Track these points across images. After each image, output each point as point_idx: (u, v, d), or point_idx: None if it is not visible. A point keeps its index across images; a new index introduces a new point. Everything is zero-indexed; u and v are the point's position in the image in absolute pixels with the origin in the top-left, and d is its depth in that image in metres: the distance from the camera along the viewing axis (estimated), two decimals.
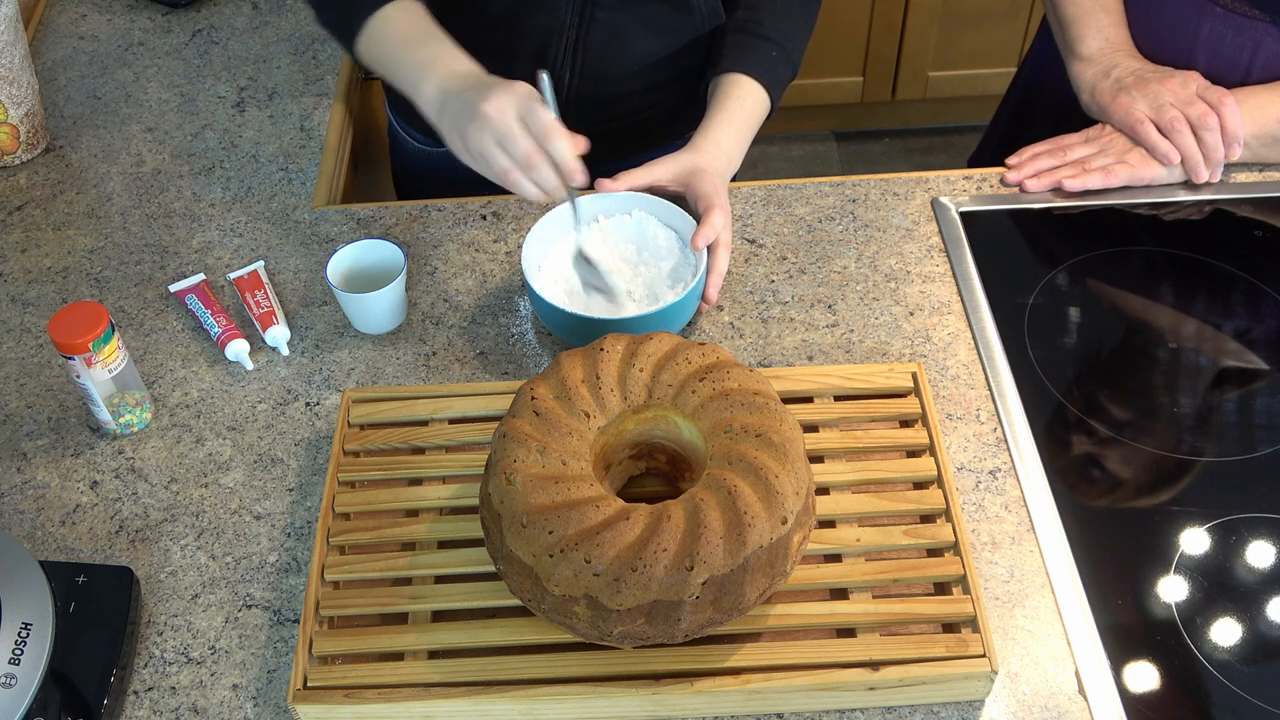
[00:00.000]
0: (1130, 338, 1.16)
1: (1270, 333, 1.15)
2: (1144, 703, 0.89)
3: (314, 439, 1.08)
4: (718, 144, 1.20)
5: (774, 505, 0.82)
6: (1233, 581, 0.96)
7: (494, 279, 1.21)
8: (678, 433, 0.91)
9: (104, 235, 1.28)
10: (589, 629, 0.83)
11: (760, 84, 1.23)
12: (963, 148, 2.78)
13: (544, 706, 0.86)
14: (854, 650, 0.88)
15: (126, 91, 1.46)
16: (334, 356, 1.15)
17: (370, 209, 1.29)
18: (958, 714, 0.89)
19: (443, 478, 1.00)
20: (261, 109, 1.43)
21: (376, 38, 1.14)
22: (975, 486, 1.03)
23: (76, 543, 1.01)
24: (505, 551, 0.84)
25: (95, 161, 1.37)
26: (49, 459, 1.07)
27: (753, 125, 1.23)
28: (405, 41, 1.13)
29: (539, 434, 0.87)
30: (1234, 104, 1.22)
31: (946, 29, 2.63)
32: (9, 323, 1.19)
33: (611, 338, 0.93)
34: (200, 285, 1.20)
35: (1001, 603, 0.95)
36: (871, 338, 1.15)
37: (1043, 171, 1.29)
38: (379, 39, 1.14)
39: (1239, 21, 1.26)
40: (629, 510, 0.82)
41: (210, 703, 0.91)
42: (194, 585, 0.98)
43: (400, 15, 1.14)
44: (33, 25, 1.55)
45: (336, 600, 0.92)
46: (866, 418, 1.03)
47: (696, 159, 1.18)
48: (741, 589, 0.82)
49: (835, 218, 1.26)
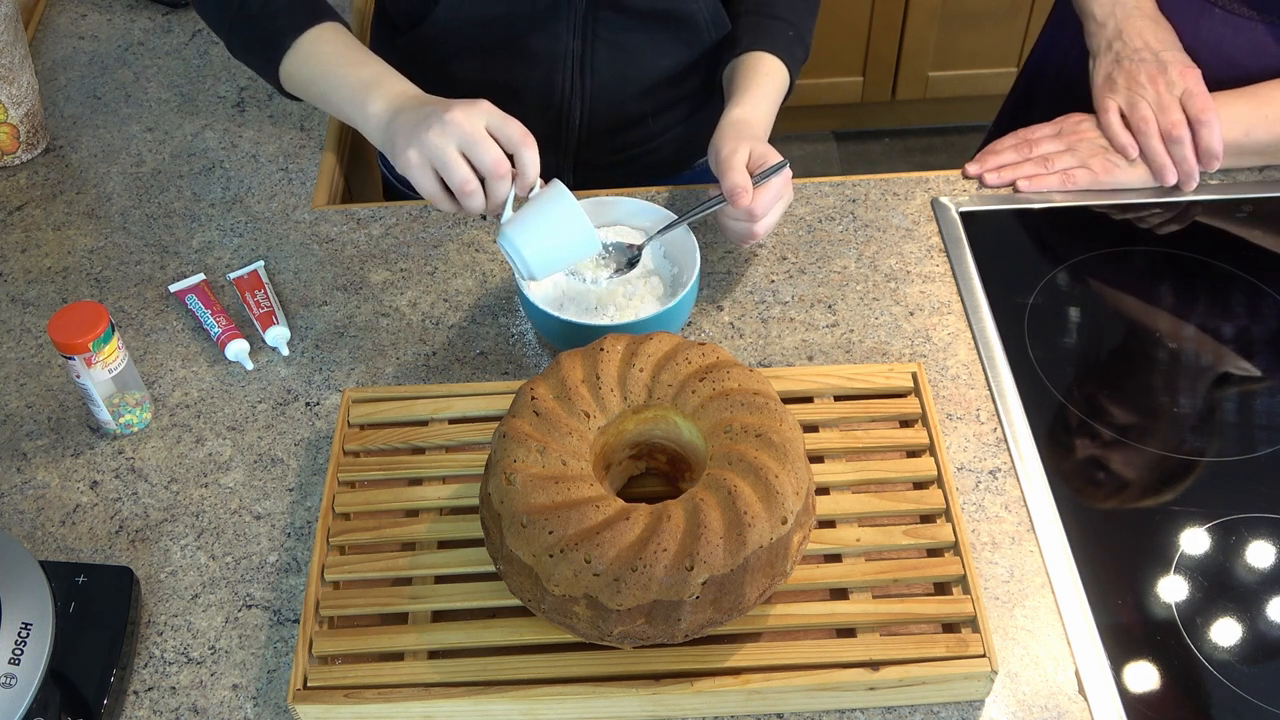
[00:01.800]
0: (1130, 338, 1.16)
1: (1270, 333, 1.15)
2: (1144, 703, 0.89)
3: (314, 439, 1.08)
4: (756, 115, 1.15)
5: (774, 505, 0.82)
6: (1233, 581, 0.96)
7: (494, 279, 1.21)
8: (678, 433, 0.91)
9: (104, 235, 1.28)
10: (589, 629, 0.83)
11: (782, 62, 1.21)
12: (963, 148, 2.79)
13: (544, 706, 0.86)
14: (854, 650, 0.88)
15: (126, 91, 1.46)
16: (334, 356, 1.15)
17: (370, 209, 1.29)
18: (958, 714, 0.89)
19: (443, 478, 1.00)
20: (261, 109, 1.43)
21: (306, 58, 1.10)
22: (975, 486, 1.03)
23: (76, 543, 1.01)
24: (505, 551, 0.84)
25: (95, 161, 1.37)
26: (49, 459, 1.07)
27: (779, 101, 1.20)
28: (344, 61, 1.09)
29: (539, 434, 0.87)
30: (1215, 119, 1.20)
31: (946, 29, 2.64)
32: (9, 323, 1.19)
33: (611, 338, 0.93)
34: (200, 285, 1.20)
35: (1001, 603, 0.95)
36: (871, 338, 1.15)
37: (1004, 166, 1.28)
38: (309, 60, 1.10)
39: (1237, 22, 1.25)
40: (629, 510, 0.82)
41: (210, 703, 0.91)
42: (194, 585, 0.98)
43: (332, 37, 1.11)
44: (33, 25, 1.55)
45: (336, 600, 0.92)
46: (866, 418, 1.03)
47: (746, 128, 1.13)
48: (741, 589, 0.82)
49: (835, 218, 1.26)
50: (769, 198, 1.08)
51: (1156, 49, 1.25)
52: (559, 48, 1.22)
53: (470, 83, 1.24)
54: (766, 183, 1.08)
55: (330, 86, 1.09)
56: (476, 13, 1.21)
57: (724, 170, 1.07)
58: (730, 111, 1.15)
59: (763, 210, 1.08)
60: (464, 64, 1.25)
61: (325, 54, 1.10)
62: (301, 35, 1.10)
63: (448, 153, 0.98)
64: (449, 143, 0.98)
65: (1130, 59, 1.25)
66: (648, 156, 1.36)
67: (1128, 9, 1.28)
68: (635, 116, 1.31)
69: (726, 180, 1.07)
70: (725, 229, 1.13)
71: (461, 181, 0.99)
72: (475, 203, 1.01)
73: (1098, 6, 1.29)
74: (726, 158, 1.08)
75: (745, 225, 1.09)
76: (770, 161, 1.08)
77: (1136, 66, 1.24)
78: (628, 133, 1.33)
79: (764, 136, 1.14)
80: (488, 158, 0.99)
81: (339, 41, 1.11)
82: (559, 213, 1.02)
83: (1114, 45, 1.27)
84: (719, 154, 1.09)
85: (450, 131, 0.98)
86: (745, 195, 1.06)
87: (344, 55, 1.10)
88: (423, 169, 1.00)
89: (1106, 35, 1.28)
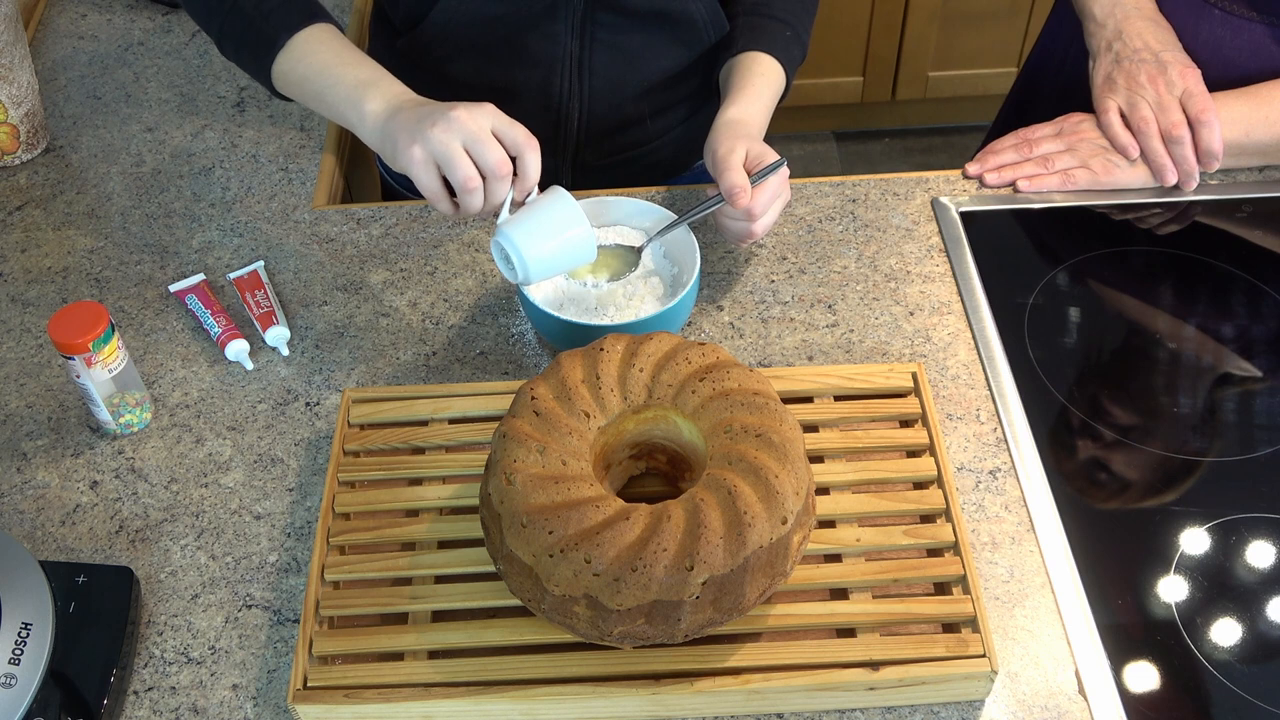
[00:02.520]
0: (1130, 338, 1.16)
1: (1270, 333, 1.15)
2: (1144, 703, 0.89)
3: (314, 439, 1.08)
4: (751, 115, 1.15)
5: (774, 505, 0.82)
6: (1233, 581, 0.96)
7: (494, 279, 1.21)
8: (678, 433, 0.91)
9: (104, 235, 1.28)
10: (589, 629, 0.83)
11: (779, 62, 1.20)
12: (963, 148, 2.79)
13: (544, 706, 0.86)
14: (854, 650, 0.88)
15: (126, 91, 1.46)
16: (334, 356, 1.15)
17: (370, 209, 1.29)
18: (958, 714, 0.89)
19: (443, 478, 1.00)
20: (261, 109, 1.43)
21: (300, 57, 1.10)
22: (975, 486, 1.03)
23: (76, 543, 1.01)
24: (505, 551, 0.84)
25: (95, 161, 1.37)
26: (49, 459, 1.07)
27: (775, 101, 1.20)
28: (340, 60, 1.09)
29: (539, 434, 0.87)
30: (1215, 119, 1.20)
31: (946, 29, 2.64)
32: (9, 323, 1.19)
33: (611, 338, 0.93)
34: (200, 285, 1.20)
35: (1001, 603, 0.95)
36: (871, 338, 1.15)
37: (1004, 166, 1.28)
38: (303, 59, 1.10)
39: (1236, 23, 1.25)
40: (629, 510, 0.83)
41: (210, 703, 0.91)
42: (194, 585, 0.98)
43: (327, 37, 1.11)
44: (33, 25, 1.55)
45: (336, 600, 0.92)
46: (866, 418, 1.03)
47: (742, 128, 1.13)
48: (741, 589, 0.82)
49: (835, 218, 1.26)
50: (766, 197, 1.09)
51: (1156, 49, 1.25)
52: (557, 49, 1.22)
53: (468, 84, 1.24)
54: (764, 182, 1.08)
55: (325, 85, 1.08)
56: (474, 14, 1.20)
57: (721, 170, 1.07)
58: (725, 111, 1.15)
59: (761, 210, 1.08)
60: (462, 65, 1.25)
61: (320, 53, 1.10)
62: (295, 35, 1.10)
63: (453, 148, 0.98)
64: (454, 138, 0.98)
65: (1130, 59, 1.25)
66: (646, 158, 1.36)
67: (1127, 9, 1.28)
68: (634, 118, 1.31)
69: (724, 180, 1.07)
70: (723, 229, 1.13)
71: (465, 178, 0.99)
72: (475, 201, 1.00)
73: (1097, 7, 1.29)
74: (723, 157, 1.08)
75: (744, 225, 1.09)
76: (767, 161, 1.08)
77: (1136, 67, 1.24)
78: (626, 134, 1.33)
79: (760, 136, 1.14)
80: (491, 157, 0.99)
81: (334, 42, 1.11)
82: (561, 214, 1.02)
83: (1114, 46, 1.27)
84: (715, 154, 1.09)
85: (455, 128, 0.98)
86: (744, 195, 1.06)
87: (339, 55, 1.10)
88: (426, 165, 1.00)
89: (1106, 36, 1.28)
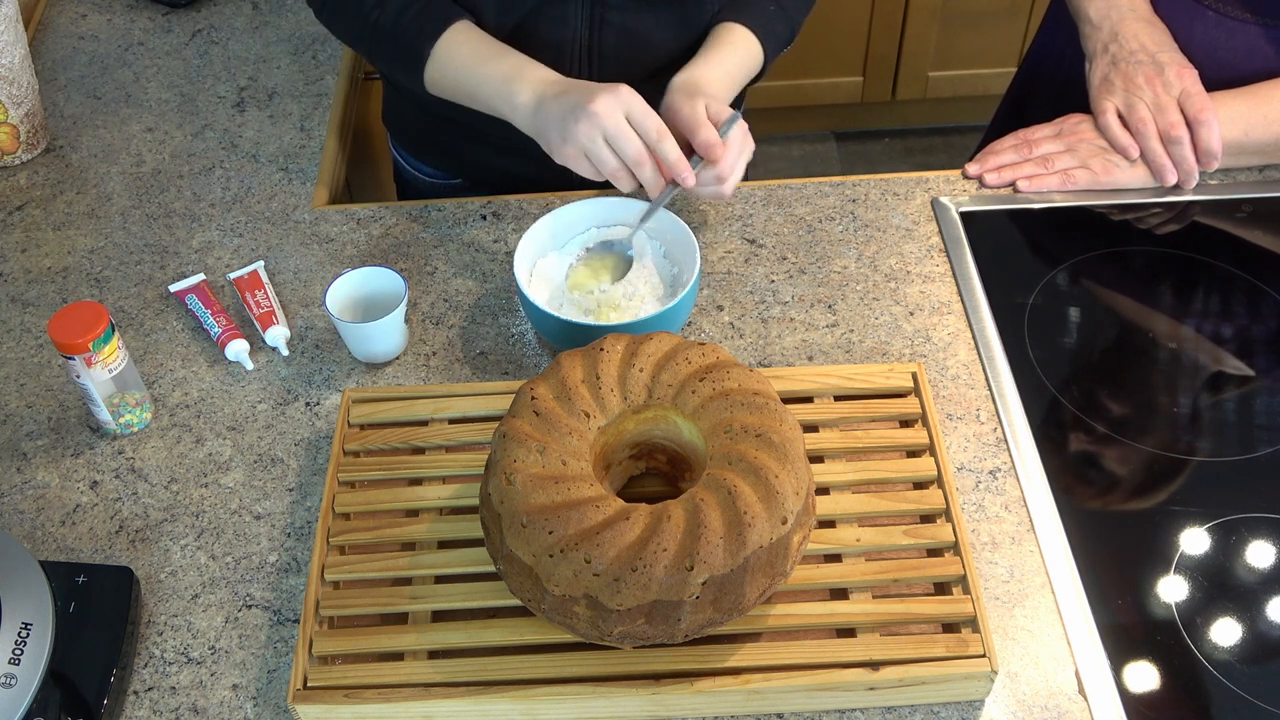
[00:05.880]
0: (1130, 338, 1.16)
1: (1270, 333, 1.15)
2: (1144, 703, 0.89)
3: (314, 439, 1.08)
4: (708, 76, 1.16)
5: (774, 505, 0.82)
6: (1233, 581, 0.96)
7: (494, 279, 1.21)
8: (678, 433, 0.91)
9: (104, 235, 1.28)
10: (589, 629, 0.83)
11: (754, 34, 1.21)
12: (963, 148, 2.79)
13: (544, 706, 0.86)
14: (854, 650, 0.88)
15: (126, 91, 1.46)
16: (334, 356, 1.15)
17: (370, 209, 1.29)
18: (958, 714, 0.89)
19: (443, 478, 1.00)
20: (261, 109, 1.43)
21: (446, 61, 1.15)
22: (975, 486, 1.03)
23: (76, 543, 1.01)
24: (505, 551, 0.84)
25: (95, 161, 1.37)
26: (49, 459, 1.07)
27: (742, 74, 1.21)
28: (481, 58, 1.14)
29: (539, 434, 0.87)
30: (1213, 119, 1.20)
31: (946, 29, 2.64)
32: (9, 323, 1.19)
33: (611, 338, 0.93)
34: (200, 285, 1.20)
35: (1001, 603, 0.95)
36: (871, 338, 1.15)
37: (1004, 166, 1.28)
38: (449, 61, 1.15)
39: (1231, 25, 1.25)
40: (629, 510, 0.83)
41: (210, 703, 0.91)
42: (194, 585, 0.98)
43: (466, 37, 1.16)
44: (33, 25, 1.55)
45: (336, 600, 0.92)
46: (866, 418, 1.03)
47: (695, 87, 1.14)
48: (741, 589, 0.82)
49: (835, 218, 1.26)
50: (732, 154, 1.11)
51: (1153, 50, 1.25)
52: (567, 31, 1.22)
53: None
54: (727, 139, 1.10)
55: (474, 85, 1.14)
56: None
57: (693, 129, 1.09)
58: (681, 72, 1.17)
59: (729, 170, 1.10)
60: None
61: (462, 55, 1.15)
62: (436, 42, 1.15)
63: (598, 143, 1.05)
64: (596, 134, 1.05)
65: (1127, 61, 1.25)
66: None
67: (1123, 11, 1.28)
68: None
69: (698, 138, 1.09)
70: (695, 195, 1.14)
71: (612, 172, 1.06)
72: (627, 186, 1.08)
73: (1092, 9, 1.29)
74: (689, 116, 1.10)
75: (714, 188, 1.11)
76: (724, 118, 1.10)
77: (1133, 68, 1.24)
78: None
79: (719, 96, 1.15)
80: (630, 150, 1.05)
81: (472, 40, 1.16)
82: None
83: (1110, 47, 1.26)
84: (679, 114, 1.11)
85: (597, 124, 1.04)
86: (719, 148, 1.09)
87: (479, 52, 1.15)
88: (579, 160, 1.07)
89: (1102, 38, 1.28)
